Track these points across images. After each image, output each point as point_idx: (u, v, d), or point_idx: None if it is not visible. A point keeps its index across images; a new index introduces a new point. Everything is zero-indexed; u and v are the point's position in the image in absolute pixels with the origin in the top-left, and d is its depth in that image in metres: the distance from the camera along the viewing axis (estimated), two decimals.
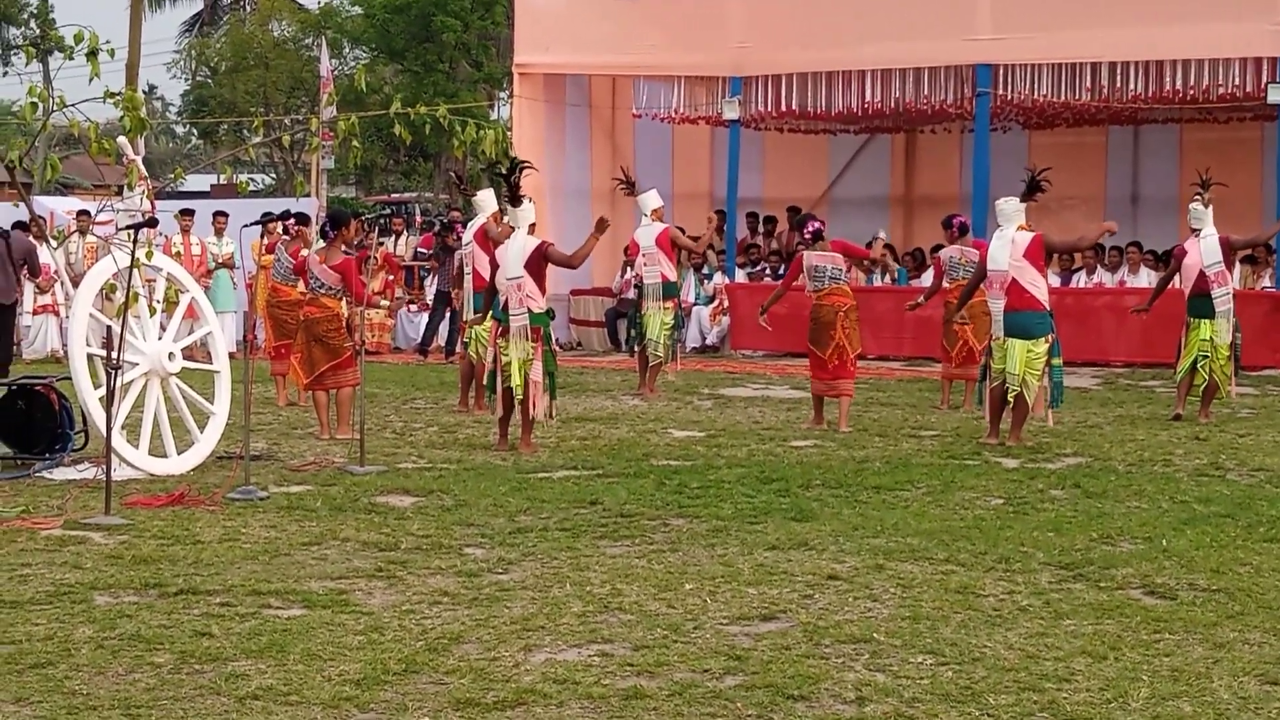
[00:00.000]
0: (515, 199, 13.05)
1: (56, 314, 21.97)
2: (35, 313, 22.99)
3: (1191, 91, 21.24)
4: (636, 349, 17.88)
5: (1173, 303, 16.33)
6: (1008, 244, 13.26)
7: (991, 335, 13.42)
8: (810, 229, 14.74)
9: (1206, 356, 14.99)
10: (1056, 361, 13.28)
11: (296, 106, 49.09)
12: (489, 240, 14.91)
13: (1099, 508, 10.35)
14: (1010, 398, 13.16)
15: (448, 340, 21.90)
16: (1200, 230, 15.25)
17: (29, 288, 22.95)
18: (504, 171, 13.07)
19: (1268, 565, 8.53)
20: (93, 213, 12.65)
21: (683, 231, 18.84)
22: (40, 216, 21.76)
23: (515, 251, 12.89)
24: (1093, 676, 6.41)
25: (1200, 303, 15.11)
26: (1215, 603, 7.67)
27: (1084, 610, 7.52)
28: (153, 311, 12.09)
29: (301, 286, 14.76)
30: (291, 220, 16.00)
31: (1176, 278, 15.89)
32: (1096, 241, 17.25)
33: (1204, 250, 15.14)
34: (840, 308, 14.52)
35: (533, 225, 13.16)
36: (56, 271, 16.00)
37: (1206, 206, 15.27)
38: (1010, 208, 13.40)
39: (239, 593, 7.82)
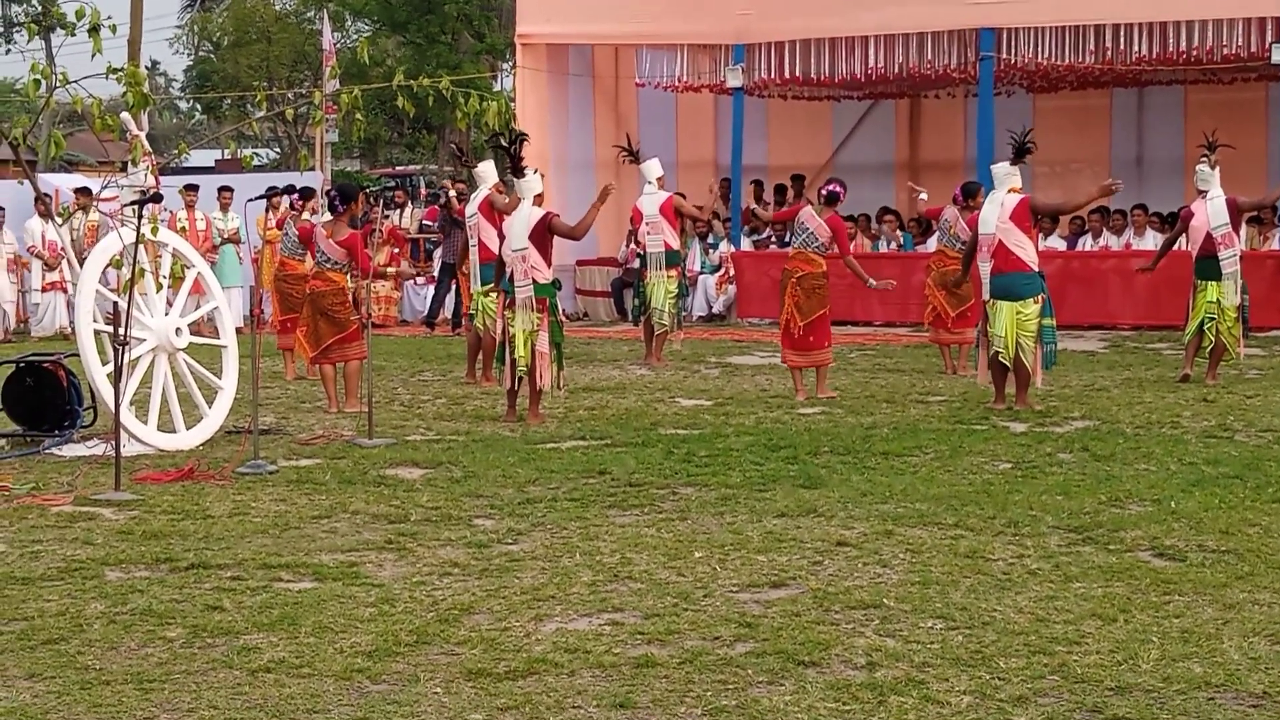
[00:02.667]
0: (518, 170, 13.04)
1: (65, 291, 21.98)
2: (44, 290, 23.01)
3: (1196, 52, 21.17)
4: (642, 318, 17.88)
5: (1180, 265, 16.32)
6: (997, 207, 13.27)
7: (982, 298, 13.42)
8: (826, 189, 14.66)
9: (1214, 318, 14.97)
10: (1048, 322, 13.24)
11: (299, 80, 49.06)
12: (494, 211, 14.92)
13: (1107, 470, 10.35)
14: (1003, 360, 13.15)
15: (454, 312, 21.91)
16: (1207, 192, 15.22)
17: (36, 265, 23.00)
18: (504, 144, 13.06)
19: (1276, 526, 8.53)
20: (96, 189, 12.62)
21: (684, 199, 18.82)
22: (45, 194, 21.78)
23: (520, 223, 12.89)
24: (1103, 639, 6.42)
25: (1207, 264, 15.08)
26: (1224, 564, 7.68)
27: (1093, 573, 7.53)
28: (159, 287, 12.11)
29: (309, 261, 14.74)
30: (296, 196, 15.98)
31: (1183, 239, 15.88)
32: (1092, 203, 17.20)
33: (1211, 212, 15.10)
34: (794, 273, 14.37)
35: (539, 196, 13.14)
36: (63, 248, 16.00)
37: (1213, 168, 15.23)
38: (1003, 171, 13.41)
39: (250, 566, 7.84)
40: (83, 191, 22.01)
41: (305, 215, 16.35)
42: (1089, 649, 6.28)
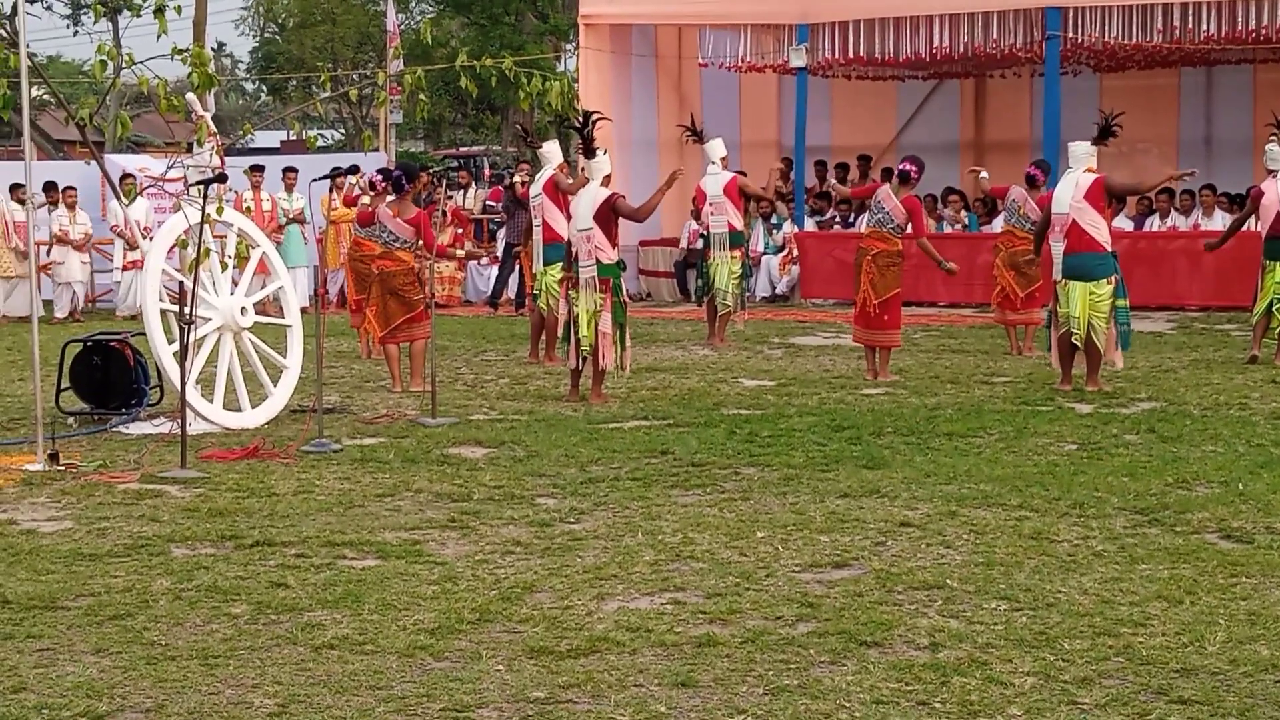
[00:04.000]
0: (589, 151, 13.04)
1: None
2: (125, 269, 23.12)
3: (1265, 31, 20.92)
4: (705, 299, 17.86)
5: (1248, 245, 16.16)
6: (1071, 186, 13.16)
7: (1054, 279, 13.31)
8: (900, 168, 14.59)
9: None
10: (1122, 303, 13.14)
11: (364, 61, 49.22)
12: (559, 192, 14.93)
13: (1174, 452, 10.27)
14: (1075, 341, 13.06)
15: (517, 293, 21.94)
16: (1277, 172, 15.06)
17: (119, 244, 23.14)
18: (577, 124, 13.06)
19: None
20: (160, 170, 12.72)
21: (748, 179, 18.76)
22: (130, 174, 21.92)
23: (586, 203, 12.89)
24: (1168, 620, 6.37)
25: (1276, 245, 14.93)
26: None
27: (1159, 555, 7.48)
28: (224, 267, 12.18)
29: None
30: (380, 177, 15.96)
31: (1252, 219, 15.71)
32: (1164, 185, 17.08)
33: None
34: (869, 251, 14.30)
35: (607, 177, 13.13)
36: (143, 228, 16.11)
37: None
38: (1081, 150, 13.28)
39: (314, 544, 7.89)
40: (126, 177, 22.03)
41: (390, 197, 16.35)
42: (1154, 631, 6.24)
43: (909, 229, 14.35)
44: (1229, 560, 7.33)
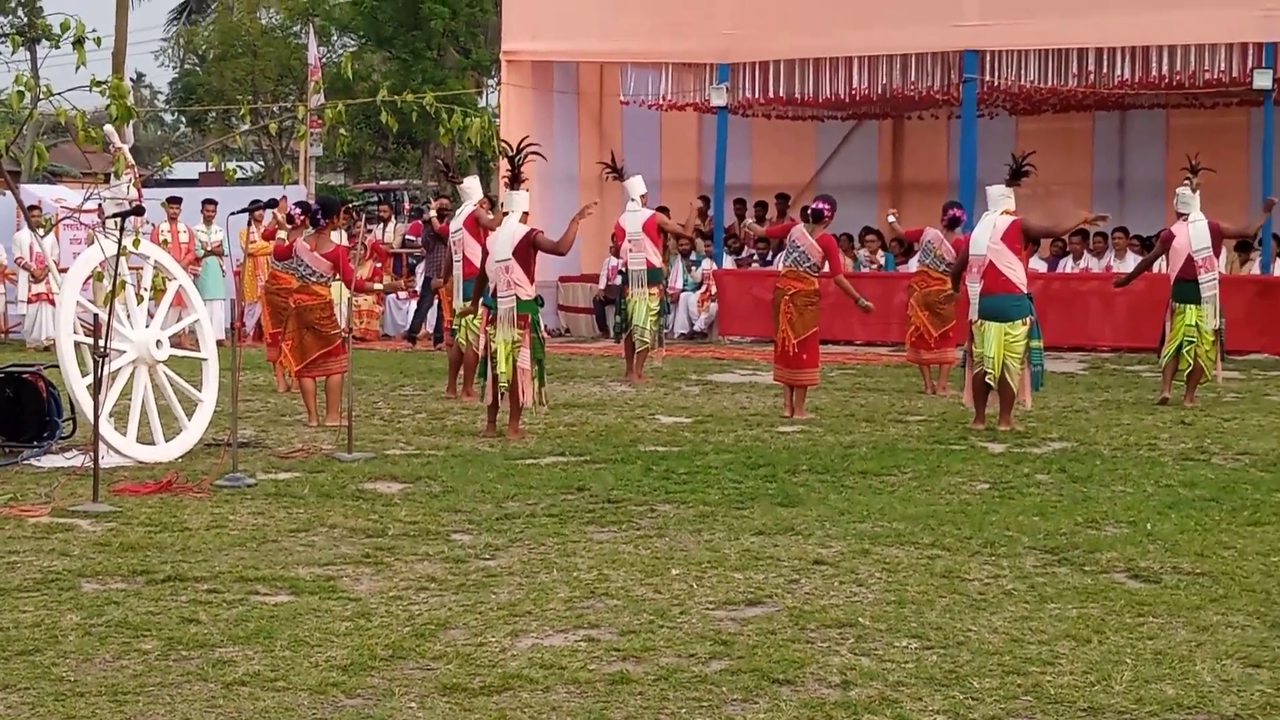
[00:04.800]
0: (515, 182, 13.07)
1: (52, 302, 21.92)
2: (30, 301, 22.94)
3: (1178, 77, 21.29)
4: (623, 335, 17.91)
5: (1158, 287, 16.38)
6: (989, 228, 13.32)
7: (970, 319, 13.45)
8: (813, 207, 14.68)
9: (1192, 341, 15.03)
10: (1036, 344, 13.30)
11: (284, 94, 49.04)
12: (480, 227, 14.94)
13: (1084, 492, 10.39)
14: (989, 381, 13.20)
15: (435, 327, 21.90)
16: (1188, 215, 15.28)
17: (23, 276, 22.95)
18: (510, 154, 13.07)
19: (1251, 549, 8.56)
20: (79, 201, 12.64)
21: (668, 217, 18.85)
22: (34, 205, 21.72)
23: (505, 236, 12.91)
24: (1077, 659, 6.44)
25: (1186, 288, 15.14)
26: (1199, 586, 7.71)
27: (1068, 594, 7.56)
28: (140, 299, 12.10)
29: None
30: (299, 210, 15.92)
31: (1161, 261, 15.93)
32: (1079, 226, 17.28)
33: (1193, 235, 15.16)
34: (786, 291, 14.38)
35: (525, 214, 13.16)
36: (49, 260, 15.99)
37: (1194, 191, 15.30)
38: (998, 192, 13.45)
39: (226, 579, 7.84)
40: (32, 209, 21.80)
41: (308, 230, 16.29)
42: (1063, 669, 6.31)
43: (825, 268, 14.45)
44: (1136, 600, 7.42)
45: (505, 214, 13.18)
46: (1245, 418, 14.25)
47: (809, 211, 14.68)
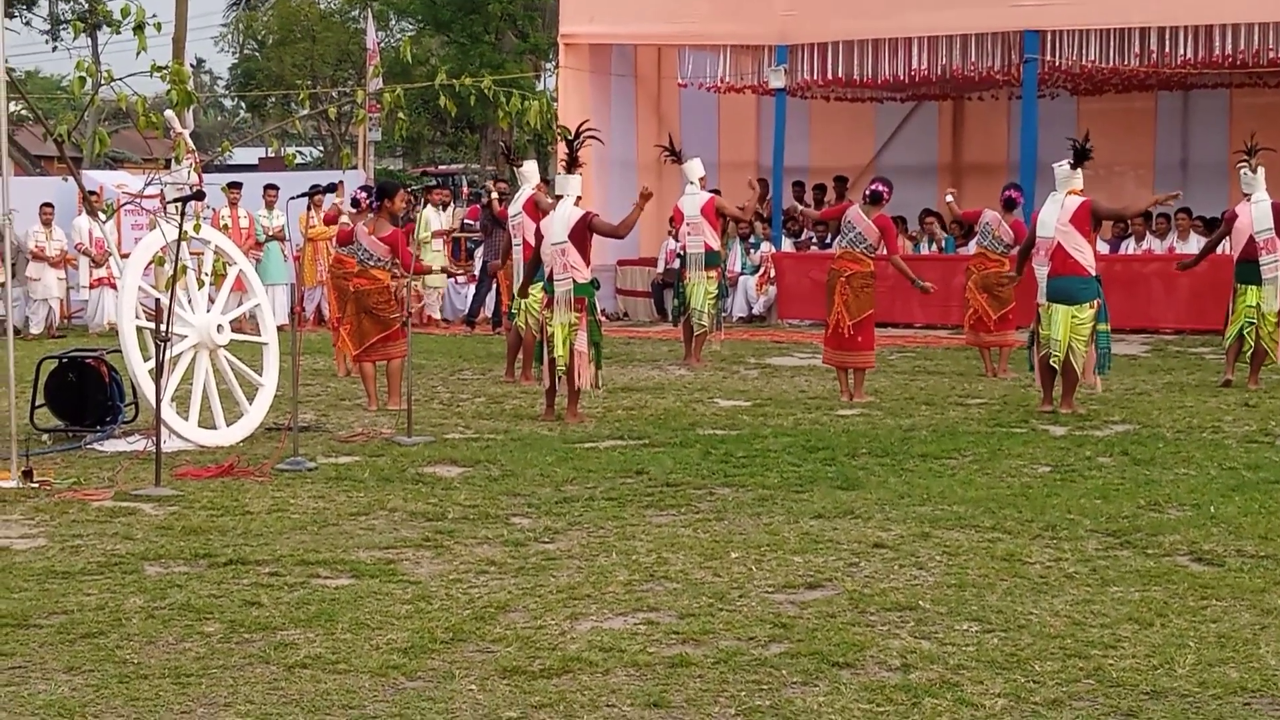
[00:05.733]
0: (572, 166, 13.06)
1: (113, 287, 22.06)
2: (91, 286, 23.12)
3: (1241, 56, 21.07)
4: (681, 319, 17.90)
5: (1222, 269, 16.24)
6: (1057, 209, 13.19)
7: (1037, 301, 13.36)
8: (870, 188, 14.61)
9: (1254, 323, 14.90)
10: (1103, 327, 13.20)
11: (343, 79, 49.22)
12: (539, 211, 14.94)
13: (1147, 475, 10.31)
14: (1054, 364, 13.11)
15: (494, 311, 21.95)
16: (1252, 195, 15.14)
17: (84, 261, 23.13)
18: (568, 137, 13.07)
19: None
20: (141, 187, 12.72)
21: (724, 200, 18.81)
22: (92, 191, 21.88)
23: (560, 219, 12.92)
24: (1139, 643, 6.40)
25: (1247, 268, 15.02)
26: (1263, 569, 7.65)
27: (1130, 577, 7.51)
28: (201, 284, 12.17)
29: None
30: (365, 194, 15.95)
31: (1226, 242, 15.80)
32: (1148, 209, 17.17)
33: (1255, 216, 15.03)
34: (842, 273, 14.32)
35: (579, 197, 13.17)
36: (109, 245, 16.11)
37: (1255, 172, 15.15)
38: (1064, 173, 13.30)
39: (287, 563, 7.89)
40: (91, 194, 21.96)
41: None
42: (1125, 653, 6.27)
43: (882, 249, 14.38)
44: (1200, 583, 7.36)
45: (560, 198, 13.19)
46: None
47: (867, 194, 14.61)
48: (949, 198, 17.57)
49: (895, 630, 6.62)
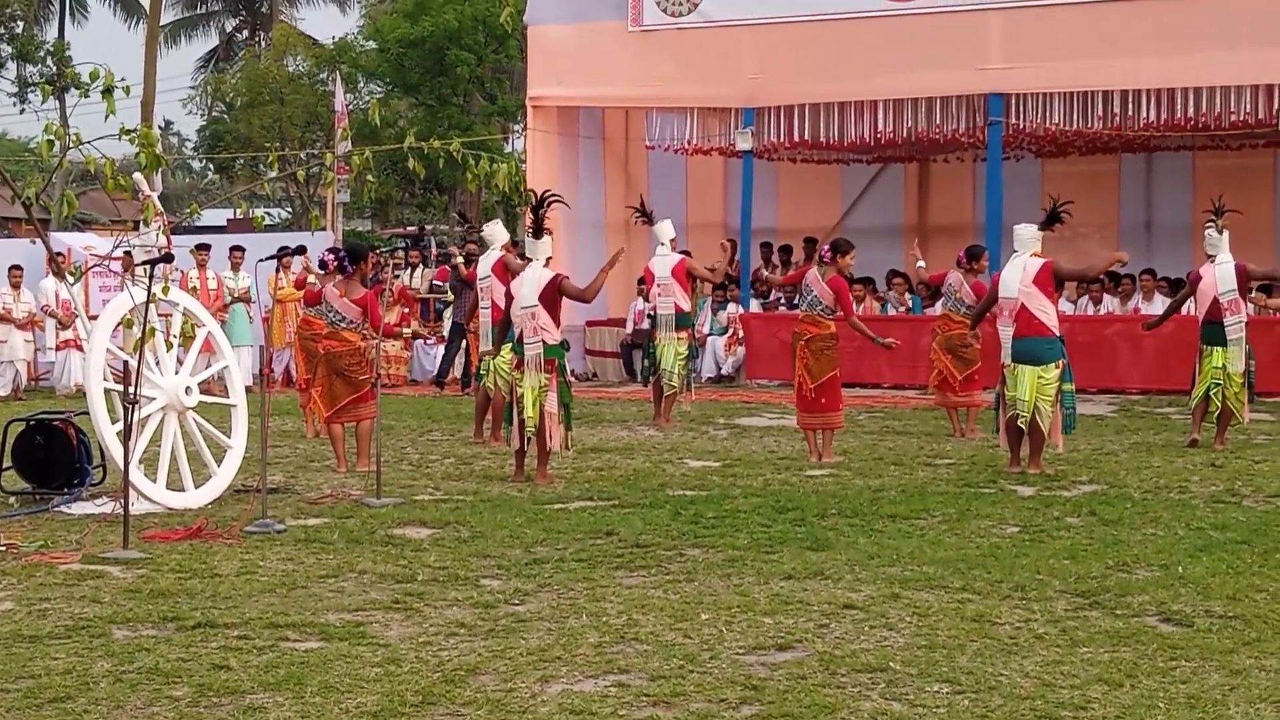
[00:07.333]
0: (538, 231, 13.10)
1: (80, 349, 21.99)
2: (58, 348, 23.05)
3: (1204, 119, 21.26)
4: (651, 379, 17.93)
5: (1187, 329, 16.33)
6: (1019, 270, 13.28)
7: (1002, 362, 13.43)
8: (825, 250, 14.70)
9: (1220, 384, 14.99)
10: (1068, 387, 13.26)
11: (312, 141, 49.25)
12: (508, 272, 14.97)
13: (1115, 535, 10.35)
14: (1021, 424, 13.17)
15: (463, 372, 21.95)
16: (1216, 256, 15.26)
17: (50, 323, 23.07)
18: (532, 204, 13.12)
19: None
20: (109, 249, 12.73)
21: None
22: (58, 253, 21.85)
23: (530, 282, 12.95)
24: (1109, 704, 6.41)
25: (1213, 329, 15.11)
26: (1231, 629, 7.67)
27: (1100, 638, 7.53)
28: (169, 346, 12.15)
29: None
30: (328, 254, 15.95)
31: (1190, 303, 15.90)
32: (1106, 270, 17.28)
33: (1219, 277, 15.14)
34: (802, 336, 14.44)
35: (549, 259, 13.22)
36: (76, 307, 16.10)
37: (1221, 233, 15.28)
38: (1027, 234, 13.41)
39: (256, 625, 7.85)
40: (58, 255, 21.88)
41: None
42: (1095, 714, 6.28)
43: (839, 310, 14.45)
44: (1169, 644, 7.38)
45: (529, 260, 13.23)
46: (1276, 459, 14.18)
47: (823, 254, 14.71)
48: (919, 264, 17.66)
49: (866, 692, 6.62)
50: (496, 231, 15.90)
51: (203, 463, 12.22)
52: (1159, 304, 21.38)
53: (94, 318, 12.56)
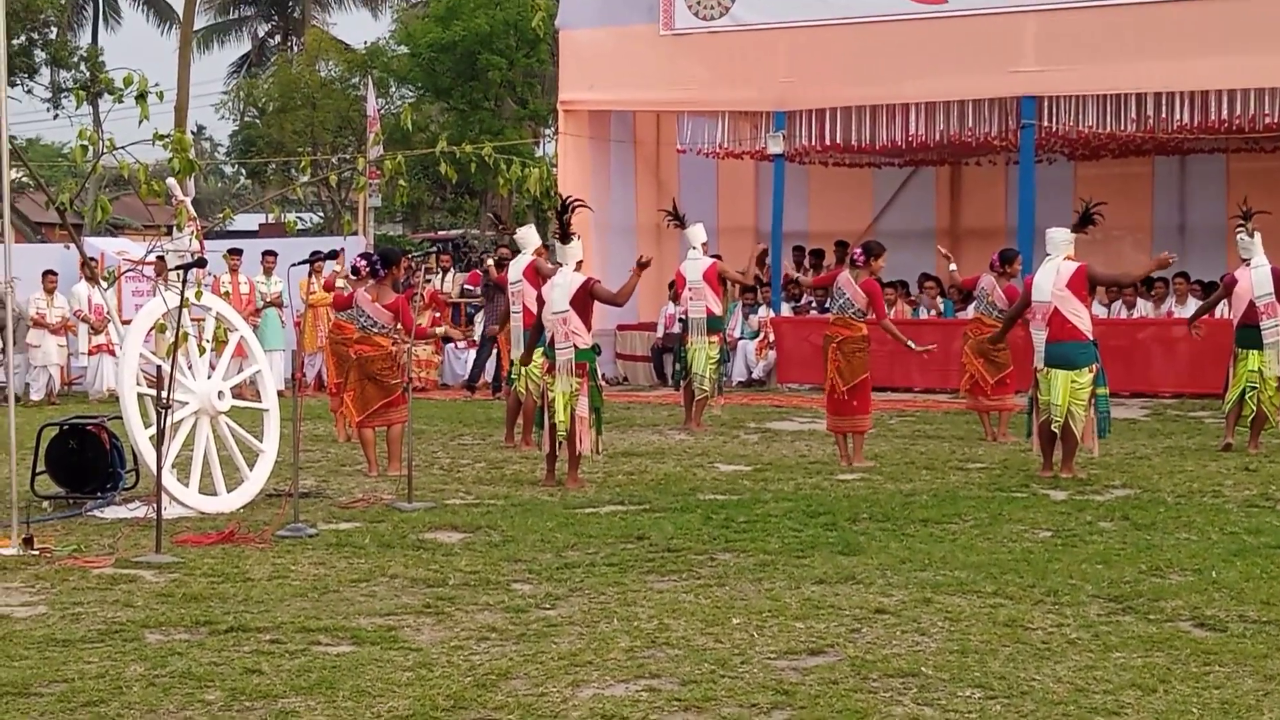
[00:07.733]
0: (565, 236, 13.11)
1: (112, 353, 22.08)
2: (91, 353, 23.15)
3: (1238, 121, 21.17)
4: (682, 383, 17.92)
5: (1221, 333, 16.24)
6: (1052, 273, 13.23)
7: (1035, 366, 13.37)
8: (858, 253, 14.66)
9: (1255, 387, 14.92)
10: (1102, 391, 13.20)
11: (344, 145, 49.37)
12: (540, 276, 14.97)
13: (1148, 539, 10.30)
14: (1054, 428, 13.12)
15: (494, 376, 21.97)
16: (1251, 260, 15.18)
17: (83, 328, 23.17)
18: (557, 209, 13.14)
19: None
20: (142, 254, 12.79)
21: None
22: (91, 258, 21.94)
23: (562, 287, 12.96)
24: (1142, 709, 6.38)
25: (1248, 333, 15.04)
26: (1265, 634, 7.63)
27: (1133, 643, 7.50)
28: (202, 351, 12.19)
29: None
30: (360, 260, 15.99)
31: (1224, 305, 15.82)
32: (1145, 276, 17.19)
33: (1255, 280, 15.07)
34: (834, 339, 14.43)
35: (579, 262, 13.23)
36: (109, 312, 16.16)
37: (1252, 236, 15.20)
38: (1060, 237, 13.35)
39: (288, 630, 7.87)
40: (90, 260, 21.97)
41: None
42: (1128, 719, 6.24)
43: (871, 313, 14.41)
44: (1202, 649, 7.35)
45: (559, 265, 13.24)
46: None
47: (849, 259, 14.69)
48: (951, 268, 17.61)
49: (898, 697, 6.60)
50: (529, 236, 15.90)
51: (235, 467, 12.25)
52: (1192, 307, 21.23)
53: (127, 322, 12.62)
